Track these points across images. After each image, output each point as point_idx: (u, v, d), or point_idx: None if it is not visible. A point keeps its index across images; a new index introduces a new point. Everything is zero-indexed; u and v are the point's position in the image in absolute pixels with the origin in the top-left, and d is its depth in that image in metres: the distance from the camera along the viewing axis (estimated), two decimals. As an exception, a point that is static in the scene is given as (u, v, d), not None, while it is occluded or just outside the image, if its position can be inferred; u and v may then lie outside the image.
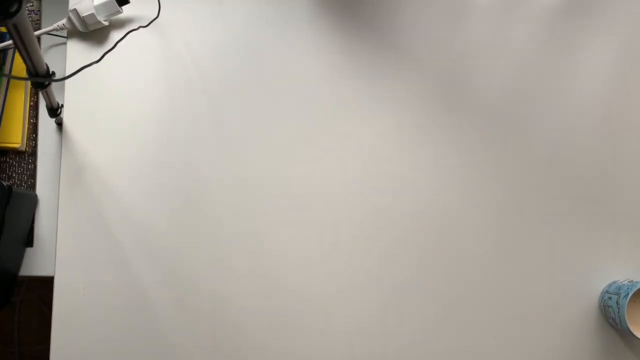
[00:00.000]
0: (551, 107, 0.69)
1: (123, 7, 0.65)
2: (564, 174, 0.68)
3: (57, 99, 0.64)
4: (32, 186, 0.71)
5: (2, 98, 0.70)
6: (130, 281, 0.63)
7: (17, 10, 0.36)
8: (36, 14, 0.73)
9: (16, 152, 0.71)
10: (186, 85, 0.66)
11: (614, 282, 0.66)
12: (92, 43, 0.66)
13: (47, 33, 0.66)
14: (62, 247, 0.63)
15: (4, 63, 0.71)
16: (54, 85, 0.61)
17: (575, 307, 0.66)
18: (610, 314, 0.63)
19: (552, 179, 0.68)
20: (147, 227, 0.64)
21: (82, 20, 0.64)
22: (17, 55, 0.72)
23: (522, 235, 0.67)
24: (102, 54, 0.58)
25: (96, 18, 0.63)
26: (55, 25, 0.65)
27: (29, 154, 0.72)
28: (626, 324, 0.60)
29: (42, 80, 0.51)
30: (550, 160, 0.68)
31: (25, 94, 0.71)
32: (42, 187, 0.71)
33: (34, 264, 0.70)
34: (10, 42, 0.69)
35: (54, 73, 0.53)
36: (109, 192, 0.64)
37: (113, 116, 0.65)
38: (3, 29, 0.71)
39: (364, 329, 0.65)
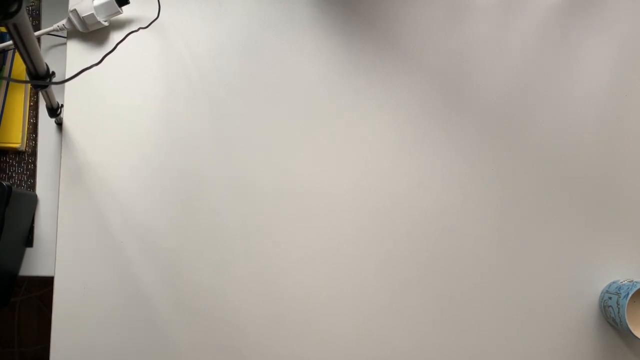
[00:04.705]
0: (551, 107, 0.69)
1: (123, 8, 0.65)
2: (564, 174, 0.68)
3: (57, 99, 0.64)
4: (32, 186, 0.71)
5: (2, 98, 0.70)
6: (130, 281, 0.63)
7: (17, 10, 0.36)
8: (36, 14, 0.73)
9: (16, 152, 0.71)
10: (186, 85, 0.66)
11: (614, 282, 0.66)
12: (92, 43, 0.66)
13: (47, 33, 0.66)
14: (62, 247, 0.63)
15: (4, 63, 0.71)
16: (54, 85, 0.61)
17: (576, 307, 0.66)
18: (610, 314, 0.63)
19: (552, 179, 0.68)
20: (147, 227, 0.64)
21: (82, 20, 0.64)
22: (17, 55, 0.72)
23: (522, 236, 0.67)
24: (102, 55, 0.58)
25: (96, 18, 0.63)
26: (55, 26, 0.65)
27: (29, 154, 0.72)
28: (626, 324, 0.60)
29: (41, 83, 0.51)
30: (550, 161, 0.68)
31: (25, 94, 0.71)
32: (42, 187, 0.71)
33: (34, 264, 0.70)
34: (10, 42, 0.69)
35: (54, 73, 0.53)
36: (109, 192, 0.64)
37: (113, 116, 0.65)
38: (3, 29, 0.71)
39: (365, 329, 0.65)
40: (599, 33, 0.70)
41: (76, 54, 0.66)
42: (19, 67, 0.71)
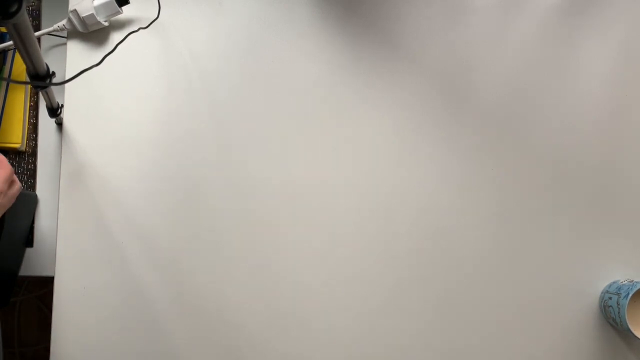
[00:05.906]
0: (551, 107, 0.69)
1: (123, 8, 0.65)
2: (564, 174, 0.68)
3: (57, 99, 0.64)
4: (32, 186, 0.71)
5: (2, 98, 0.70)
6: (130, 281, 0.63)
7: (17, 10, 0.36)
8: (36, 15, 0.73)
9: (16, 152, 0.71)
10: (186, 85, 0.66)
11: (614, 282, 0.66)
12: (92, 44, 0.66)
13: (47, 34, 0.66)
14: (62, 247, 0.63)
15: (4, 63, 0.71)
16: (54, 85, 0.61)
17: (576, 307, 0.66)
18: (610, 314, 0.63)
19: (552, 179, 0.68)
20: (147, 227, 0.64)
21: (82, 20, 0.64)
22: (17, 55, 0.72)
23: (522, 235, 0.67)
24: (102, 55, 0.58)
25: (96, 19, 0.63)
26: (55, 26, 0.65)
27: (29, 154, 0.72)
28: (626, 324, 0.60)
29: (41, 84, 0.51)
30: (550, 161, 0.68)
31: (26, 94, 0.71)
32: (42, 187, 0.71)
33: (34, 264, 0.70)
34: (10, 42, 0.69)
35: (54, 73, 0.53)
36: (108, 192, 0.64)
37: (113, 116, 0.65)
38: (3, 29, 0.71)
39: (365, 329, 0.65)
40: (599, 33, 0.70)
41: (76, 54, 0.66)
42: (19, 67, 0.71)
